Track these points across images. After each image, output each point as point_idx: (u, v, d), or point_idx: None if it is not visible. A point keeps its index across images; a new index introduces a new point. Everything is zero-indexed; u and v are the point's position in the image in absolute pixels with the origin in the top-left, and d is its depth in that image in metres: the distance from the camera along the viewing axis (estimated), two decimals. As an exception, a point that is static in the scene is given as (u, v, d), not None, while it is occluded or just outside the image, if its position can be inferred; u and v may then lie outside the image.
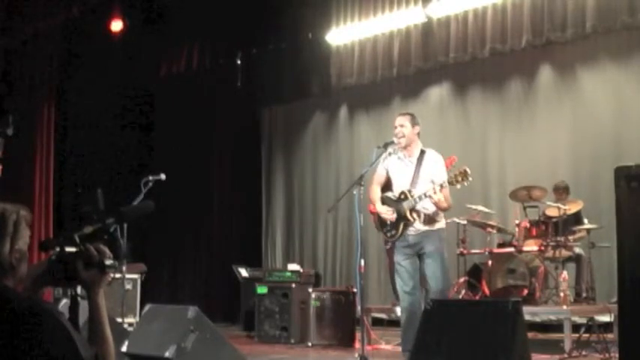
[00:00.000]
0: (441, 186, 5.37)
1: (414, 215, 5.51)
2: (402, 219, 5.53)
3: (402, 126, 5.61)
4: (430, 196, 5.37)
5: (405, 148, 5.64)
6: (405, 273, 5.56)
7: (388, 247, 5.81)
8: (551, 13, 8.32)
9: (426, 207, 5.51)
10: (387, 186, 5.78)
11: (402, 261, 5.57)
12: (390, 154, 5.68)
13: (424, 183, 5.48)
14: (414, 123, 5.64)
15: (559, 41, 8.47)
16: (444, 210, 5.60)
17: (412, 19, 9.39)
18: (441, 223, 5.63)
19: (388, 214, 5.55)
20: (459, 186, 5.47)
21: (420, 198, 5.43)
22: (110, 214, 2.25)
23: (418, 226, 5.52)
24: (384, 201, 5.65)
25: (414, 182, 5.54)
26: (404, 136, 5.59)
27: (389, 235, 5.63)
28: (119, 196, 6.78)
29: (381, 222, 5.72)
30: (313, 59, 10.45)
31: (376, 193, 5.72)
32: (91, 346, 2.00)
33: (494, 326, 4.43)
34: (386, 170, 5.74)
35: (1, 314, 1.86)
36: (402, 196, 5.54)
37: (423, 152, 5.66)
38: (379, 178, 5.76)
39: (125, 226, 6.09)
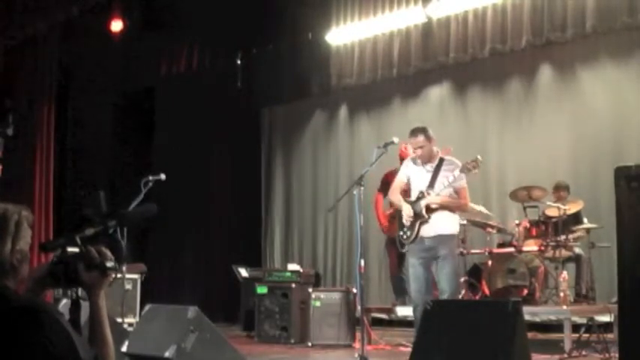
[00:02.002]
0: (460, 190, 5.72)
1: (430, 213, 5.67)
2: (419, 217, 5.71)
3: (421, 147, 5.78)
4: (450, 183, 5.62)
5: (428, 161, 5.84)
6: (419, 275, 5.73)
7: (405, 250, 5.96)
8: (551, 13, 8.32)
9: (442, 206, 5.72)
10: (405, 194, 5.98)
11: (418, 265, 5.76)
12: (413, 161, 5.90)
13: (441, 185, 5.69)
14: (429, 137, 5.82)
15: (559, 41, 8.47)
16: (459, 207, 5.82)
17: (412, 19, 9.39)
18: (454, 228, 5.83)
19: (407, 212, 5.72)
20: (474, 171, 5.69)
21: (436, 192, 5.65)
22: (112, 217, 2.25)
23: (435, 228, 5.68)
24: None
25: (431, 184, 5.74)
26: (425, 152, 5.79)
27: (405, 237, 5.79)
28: (119, 196, 6.81)
29: (399, 224, 5.88)
30: (313, 59, 10.45)
31: (398, 197, 5.91)
32: (91, 347, 2.00)
33: (494, 326, 4.43)
34: (407, 177, 5.94)
35: (3, 314, 1.86)
36: (420, 195, 5.76)
37: (442, 160, 5.85)
38: (400, 184, 5.97)
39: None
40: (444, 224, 5.72)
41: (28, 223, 2.05)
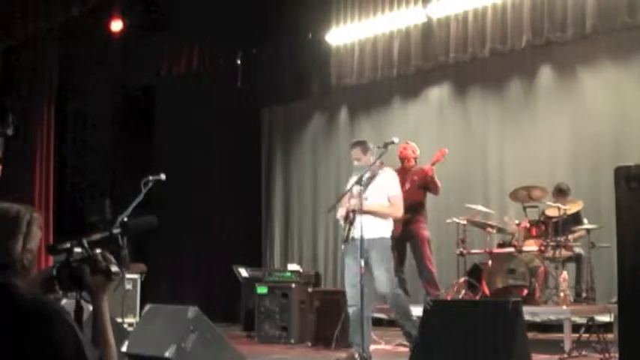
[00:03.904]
0: (390, 199, 5.96)
1: (356, 215, 5.85)
2: (349, 219, 5.93)
3: (358, 159, 6.10)
4: (382, 191, 5.92)
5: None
6: (350, 272, 5.89)
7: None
8: (551, 13, 8.32)
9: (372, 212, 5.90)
10: None
11: (349, 262, 5.92)
12: (356, 171, 6.12)
13: (375, 192, 5.92)
14: (365, 150, 6.13)
15: (559, 41, 8.47)
16: (390, 214, 6.00)
17: (412, 19, 9.39)
18: (384, 232, 5.96)
19: (341, 214, 6.03)
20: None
21: (365, 198, 5.87)
22: (116, 225, 2.31)
23: (365, 231, 5.78)
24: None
25: (365, 190, 5.92)
26: (363, 164, 6.05)
27: (344, 237, 6.02)
28: (119, 196, 6.80)
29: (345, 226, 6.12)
30: (313, 59, 10.45)
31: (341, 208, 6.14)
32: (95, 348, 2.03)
33: (495, 326, 4.43)
34: (351, 186, 6.09)
35: (12, 313, 1.89)
36: (354, 200, 5.96)
37: (383, 168, 6.08)
38: (347, 194, 6.13)
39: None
40: (373, 228, 5.84)
41: (38, 224, 2.09)
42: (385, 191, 5.98)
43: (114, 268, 2.14)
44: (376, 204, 5.92)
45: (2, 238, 2.00)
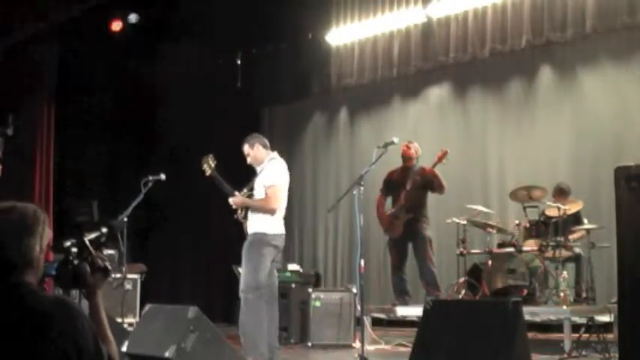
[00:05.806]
0: (265, 190, 5.87)
1: (243, 211, 5.98)
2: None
3: (248, 155, 6.20)
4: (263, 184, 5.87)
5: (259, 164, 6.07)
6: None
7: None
8: (551, 13, 8.32)
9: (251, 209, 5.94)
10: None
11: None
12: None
13: (259, 185, 5.96)
14: (252, 144, 6.19)
15: (559, 41, 8.47)
16: (260, 207, 5.92)
17: (412, 19, 9.40)
18: (262, 227, 5.86)
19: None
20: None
21: (248, 194, 6.00)
22: (103, 225, 2.39)
23: (249, 227, 5.90)
24: None
25: (253, 185, 6.04)
26: (252, 159, 6.17)
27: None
28: (119, 197, 6.80)
29: None
30: (313, 59, 10.45)
31: None
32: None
33: (495, 326, 4.43)
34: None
35: (34, 310, 1.92)
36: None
37: (270, 160, 6.11)
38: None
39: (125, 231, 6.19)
40: (253, 223, 5.87)
41: (48, 224, 2.12)
42: (263, 183, 5.87)
43: (110, 267, 2.21)
44: (248, 199, 5.94)
45: (24, 237, 2.02)
